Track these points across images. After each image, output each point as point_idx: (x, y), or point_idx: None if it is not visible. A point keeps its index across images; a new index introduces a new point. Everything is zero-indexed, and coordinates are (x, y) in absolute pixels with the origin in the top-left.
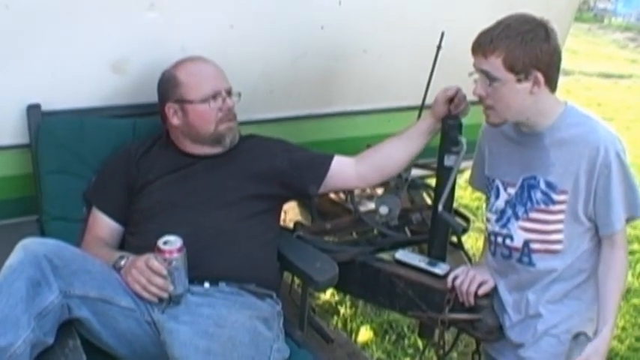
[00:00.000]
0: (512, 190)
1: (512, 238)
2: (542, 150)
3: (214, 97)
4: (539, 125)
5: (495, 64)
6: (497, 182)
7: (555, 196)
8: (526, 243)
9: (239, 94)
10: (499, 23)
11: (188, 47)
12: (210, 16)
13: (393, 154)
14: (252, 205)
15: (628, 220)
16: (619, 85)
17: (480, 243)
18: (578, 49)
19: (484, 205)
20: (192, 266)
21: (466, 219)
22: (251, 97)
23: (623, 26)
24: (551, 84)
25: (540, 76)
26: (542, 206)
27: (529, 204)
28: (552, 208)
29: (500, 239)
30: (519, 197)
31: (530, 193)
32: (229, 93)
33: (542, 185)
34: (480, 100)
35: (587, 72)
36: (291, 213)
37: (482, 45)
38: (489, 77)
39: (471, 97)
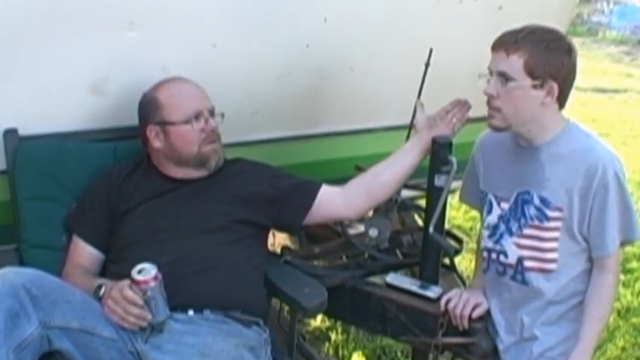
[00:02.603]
0: (505, 205)
1: (506, 255)
2: (538, 164)
3: (196, 117)
4: (538, 139)
5: (516, 64)
6: (490, 197)
7: (549, 212)
8: (520, 260)
9: (222, 115)
10: (523, 27)
11: (169, 67)
12: (192, 35)
13: (382, 177)
14: (237, 231)
15: (623, 244)
16: (614, 100)
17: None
18: None
19: (478, 226)
20: (176, 294)
21: (459, 240)
22: (235, 118)
23: (618, 40)
24: (562, 100)
25: (556, 88)
26: (536, 222)
27: (523, 220)
28: (546, 224)
29: (494, 255)
30: (513, 212)
31: (523, 209)
32: (212, 113)
33: (536, 201)
34: (487, 101)
35: (581, 87)
36: (278, 237)
37: (506, 43)
38: (506, 76)
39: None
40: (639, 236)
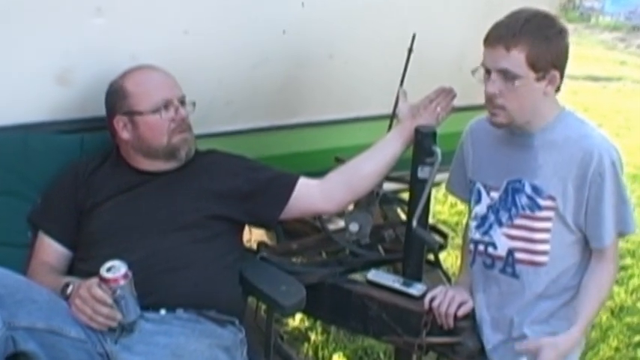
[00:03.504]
0: (495, 195)
1: (495, 246)
2: (530, 152)
3: (166, 106)
4: (532, 126)
5: (518, 59)
6: (479, 185)
7: (541, 201)
8: (510, 252)
9: (193, 104)
10: (517, 17)
11: (138, 55)
12: (162, 22)
13: (363, 169)
14: (211, 226)
15: (618, 236)
16: (607, 89)
17: None
18: None
19: (465, 220)
20: (148, 292)
21: (444, 235)
22: (208, 109)
23: (612, 26)
24: (559, 84)
25: (558, 76)
26: (528, 212)
27: (513, 209)
28: (538, 214)
29: (481, 247)
30: (503, 202)
31: (514, 198)
32: (182, 102)
33: (528, 189)
34: (488, 100)
35: (573, 75)
36: (255, 232)
37: (504, 38)
38: (508, 74)
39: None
40: (633, 229)
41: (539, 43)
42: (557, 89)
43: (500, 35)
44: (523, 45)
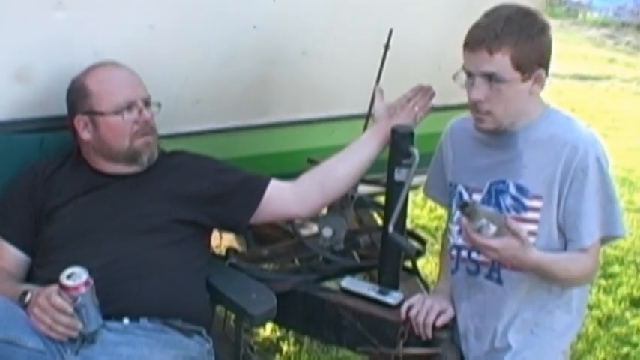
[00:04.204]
0: (478, 197)
1: (479, 251)
2: (514, 151)
3: (129, 107)
4: (516, 125)
5: (503, 62)
6: (460, 188)
7: (527, 202)
8: None
9: (159, 105)
10: (496, 16)
11: (102, 51)
12: (127, 15)
13: (337, 171)
14: (177, 231)
15: (604, 241)
16: (595, 88)
17: None
18: None
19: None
20: (110, 300)
21: (422, 241)
22: (174, 108)
23: (600, 22)
24: (544, 80)
25: (543, 74)
26: (513, 213)
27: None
28: (524, 215)
29: (465, 252)
30: (486, 204)
31: (498, 200)
32: (147, 103)
33: (512, 190)
34: (473, 106)
35: (558, 73)
36: (224, 238)
37: (486, 40)
38: (494, 79)
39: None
40: (622, 232)
41: (522, 43)
42: (543, 86)
43: (482, 38)
44: (506, 47)
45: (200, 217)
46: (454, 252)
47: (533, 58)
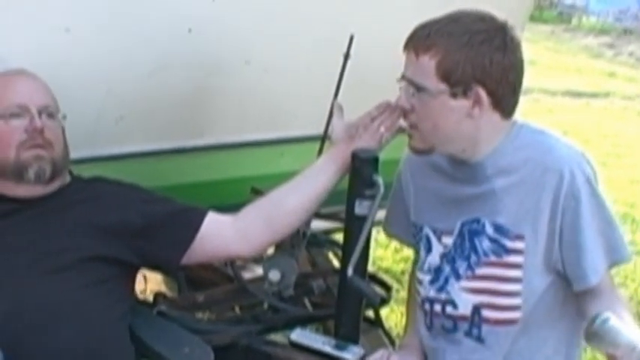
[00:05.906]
0: (448, 240)
1: (455, 305)
2: (485, 183)
3: (18, 114)
4: (478, 153)
5: (426, 67)
6: (427, 230)
7: (509, 243)
8: (476, 309)
9: (64, 116)
10: (447, 16)
11: (7, 57)
12: (38, 16)
13: (286, 202)
14: (95, 269)
15: (610, 267)
16: (592, 107)
17: None
18: (536, 59)
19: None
20: (13, 355)
21: (386, 287)
22: (94, 125)
23: (598, 28)
24: (503, 108)
25: (484, 95)
26: (493, 258)
27: (474, 257)
28: (507, 259)
29: (438, 307)
30: (459, 249)
31: (474, 242)
32: (47, 113)
33: (490, 230)
34: (404, 117)
35: (549, 89)
36: (151, 281)
37: (416, 40)
38: (413, 84)
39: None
40: (627, 256)
41: (456, 48)
42: (506, 114)
43: (413, 37)
44: (436, 49)
45: (123, 253)
46: (427, 306)
47: (468, 71)
